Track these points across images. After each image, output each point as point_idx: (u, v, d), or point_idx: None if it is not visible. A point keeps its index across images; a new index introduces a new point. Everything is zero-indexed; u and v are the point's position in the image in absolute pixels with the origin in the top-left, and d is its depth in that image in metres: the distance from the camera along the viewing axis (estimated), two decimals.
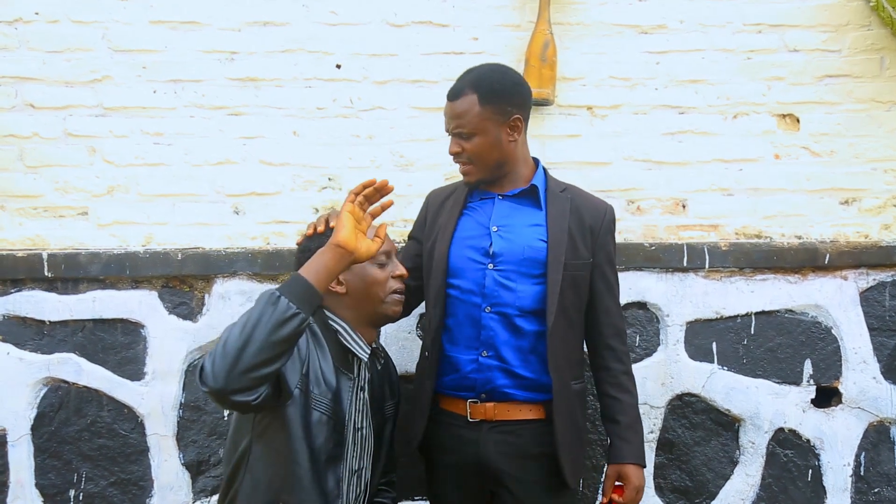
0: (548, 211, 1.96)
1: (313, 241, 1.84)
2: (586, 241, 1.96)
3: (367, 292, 1.83)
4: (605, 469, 2.02)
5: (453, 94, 1.92)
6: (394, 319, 1.91)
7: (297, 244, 1.93)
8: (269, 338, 1.54)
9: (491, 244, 1.93)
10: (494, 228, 1.94)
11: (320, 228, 1.86)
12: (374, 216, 1.78)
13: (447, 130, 1.95)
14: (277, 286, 1.62)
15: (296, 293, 1.59)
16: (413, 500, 2.34)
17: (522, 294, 1.91)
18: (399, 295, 1.88)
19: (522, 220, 1.96)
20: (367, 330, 1.85)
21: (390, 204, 1.80)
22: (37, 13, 2.35)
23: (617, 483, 1.95)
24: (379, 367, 1.94)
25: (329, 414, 1.74)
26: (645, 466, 1.97)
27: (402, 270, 1.89)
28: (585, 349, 2.06)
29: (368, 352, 1.84)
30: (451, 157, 1.95)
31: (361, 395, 1.84)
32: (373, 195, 1.73)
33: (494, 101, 1.89)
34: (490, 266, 1.92)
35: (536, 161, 2.04)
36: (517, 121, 1.92)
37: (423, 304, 2.08)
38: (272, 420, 1.69)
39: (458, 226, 1.98)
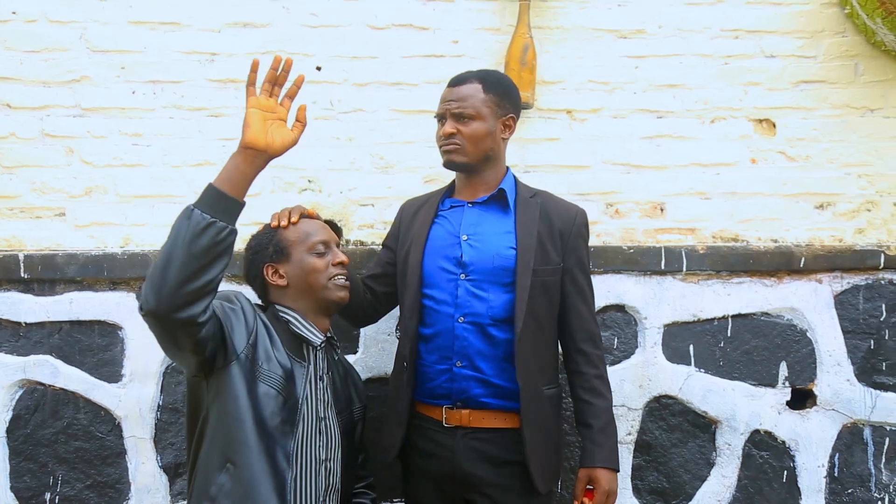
0: (517, 217, 1.96)
1: (262, 237, 1.87)
2: (556, 246, 1.96)
3: (307, 281, 1.85)
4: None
5: (457, 81, 1.97)
6: (341, 307, 1.90)
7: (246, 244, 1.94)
8: (189, 251, 1.54)
9: (462, 253, 1.93)
10: (464, 237, 1.95)
11: (283, 224, 1.87)
12: (291, 97, 1.70)
13: (441, 114, 1.97)
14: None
15: (209, 203, 1.59)
16: (391, 501, 2.34)
17: (494, 303, 1.91)
18: (342, 279, 1.88)
19: (492, 227, 1.96)
20: (318, 318, 1.88)
21: (302, 79, 1.71)
22: (14, 12, 2.33)
23: (588, 487, 1.95)
24: (336, 357, 1.95)
25: (278, 389, 1.74)
26: (618, 470, 1.96)
27: (342, 258, 1.90)
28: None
29: (322, 338, 1.86)
30: (442, 139, 1.96)
31: (321, 385, 1.84)
32: (276, 77, 1.66)
33: (497, 93, 1.95)
34: (462, 276, 1.92)
35: (507, 169, 2.06)
36: (511, 120, 1.99)
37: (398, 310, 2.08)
38: (220, 385, 1.70)
39: (430, 235, 1.99)
